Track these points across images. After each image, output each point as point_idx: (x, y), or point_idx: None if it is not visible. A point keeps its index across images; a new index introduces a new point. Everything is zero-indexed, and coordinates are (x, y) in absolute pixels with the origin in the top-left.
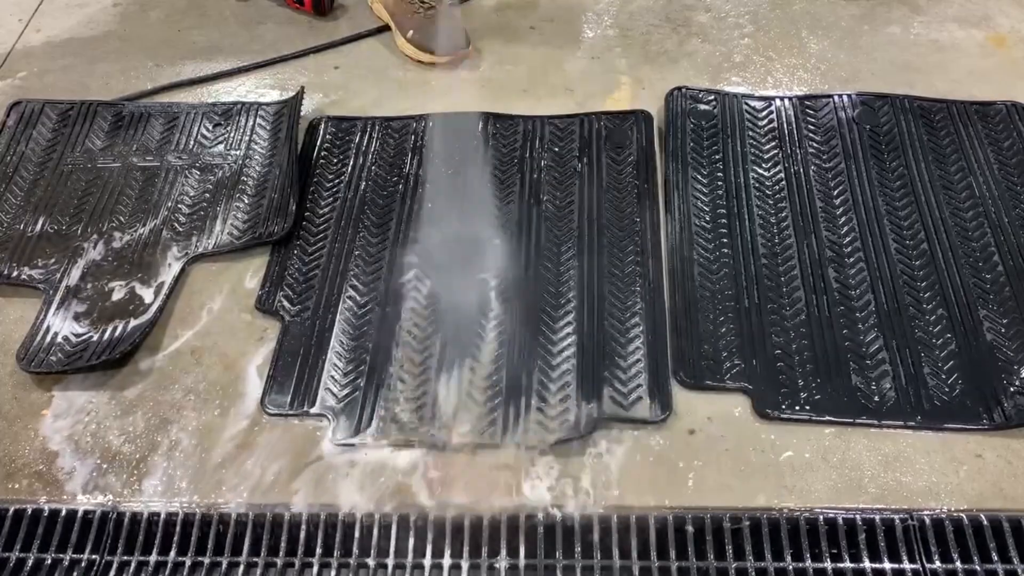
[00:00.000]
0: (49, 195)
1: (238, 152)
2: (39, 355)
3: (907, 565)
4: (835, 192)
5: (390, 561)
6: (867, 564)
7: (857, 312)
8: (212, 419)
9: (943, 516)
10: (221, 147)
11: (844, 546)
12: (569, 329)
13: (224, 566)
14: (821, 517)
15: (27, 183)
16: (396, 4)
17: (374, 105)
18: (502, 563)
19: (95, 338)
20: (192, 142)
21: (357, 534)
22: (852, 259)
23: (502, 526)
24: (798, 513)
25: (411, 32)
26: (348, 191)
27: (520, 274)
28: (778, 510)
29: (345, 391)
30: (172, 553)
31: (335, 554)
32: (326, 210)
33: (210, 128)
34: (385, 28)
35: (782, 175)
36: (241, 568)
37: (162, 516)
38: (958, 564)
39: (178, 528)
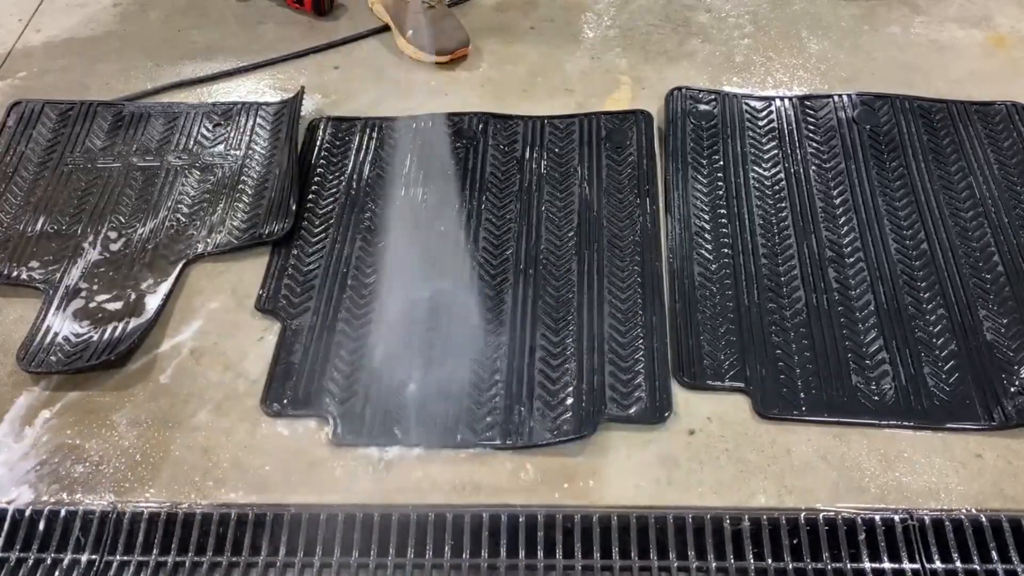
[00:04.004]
0: (49, 195)
1: (238, 152)
2: (39, 355)
3: (907, 565)
4: (835, 192)
5: (390, 560)
6: (867, 564)
7: (857, 312)
8: (212, 419)
9: (943, 516)
10: (221, 147)
11: (844, 546)
12: (570, 329)
13: (224, 566)
14: (821, 517)
15: (27, 183)
16: (396, 3)
17: (374, 105)
18: (502, 563)
19: (95, 338)
20: (192, 142)
21: (357, 533)
22: (852, 259)
23: (502, 526)
24: (798, 513)
25: (410, 32)
26: (348, 191)
27: (520, 275)
28: (778, 510)
29: (345, 391)
30: (172, 553)
31: (336, 553)
32: (326, 210)
33: (210, 128)
34: (385, 28)
35: (782, 175)
36: (241, 568)
37: (162, 516)
38: (958, 564)
39: (178, 528)
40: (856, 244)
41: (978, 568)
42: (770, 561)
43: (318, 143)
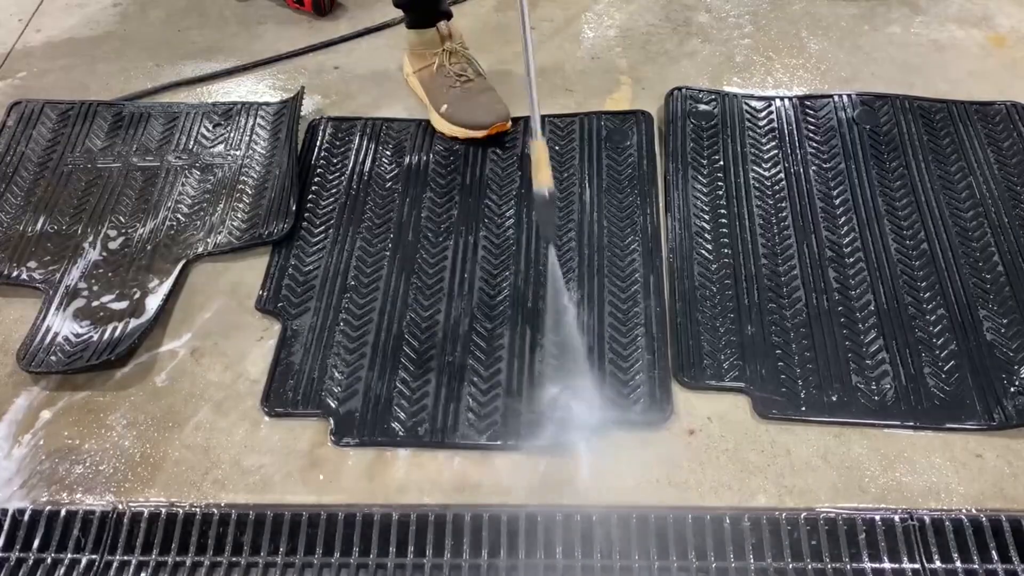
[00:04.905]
0: (49, 195)
1: (238, 152)
2: (39, 355)
3: (907, 565)
4: (835, 192)
5: (390, 561)
6: (867, 564)
7: (857, 312)
8: (212, 419)
9: (943, 516)
10: (221, 147)
11: (844, 546)
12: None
13: (224, 566)
14: (821, 517)
15: (27, 183)
16: (431, 79)
17: (374, 105)
18: (502, 563)
19: (95, 338)
20: (192, 142)
21: (357, 533)
22: (852, 259)
23: (502, 525)
24: (798, 513)
25: (444, 107)
26: (348, 191)
27: (521, 275)
28: (778, 510)
29: (346, 392)
30: (172, 553)
31: (335, 554)
32: (326, 210)
33: (210, 128)
34: (384, 27)
35: (782, 175)
36: (241, 568)
37: (162, 516)
38: (958, 564)
39: (178, 528)
40: (856, 244)
41: (978, 568)
42: (770, 561)
43: (318, 143)
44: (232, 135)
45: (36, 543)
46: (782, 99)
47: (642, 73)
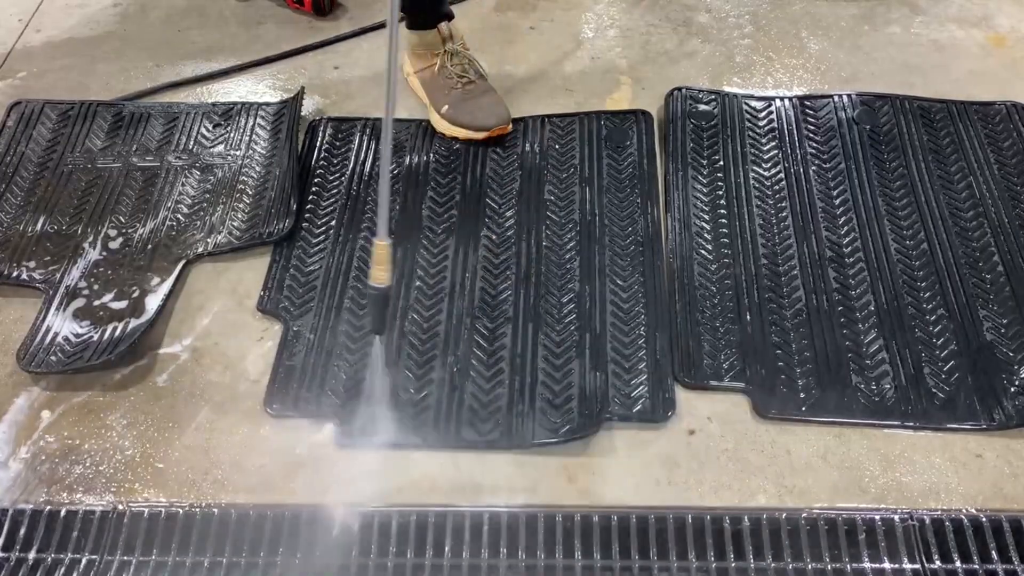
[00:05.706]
0: (49, 195)
1: (238, 152)
2: (39, 355)
3: (907, 565)
4: (835, 192)
5: (390, 561)
6: (867, 564)
7: (857, 312)
8: (212, 420)
9: (943, 516)
10: (221, 147)
11: (844, 546)
12: (571, 329)
13: (224, 566)
14: (821, 517)
15: (27, 183)
16: (432, 79)
17: (374, 106)
18: (502, 563)
19: (95, 338)
20: (192, 142)
21: (357, 534)
22: (852, 259)
23: (502, 526)
24: (798, 513)
25: (445, 107)
26: (348, 192)
27: (522, 275)
28: (778, 510)
29: (347, 392)
30: (172, 553)
31: (335, 553)
32: (327, 211)
33: (210, 128)
34: (384, 27)
35: (782, 175)
36: (241, 568)
37: (162, 516)
38: (958, 564)
39: (178, 528)
40: (856, 244)
41: (978, 568)
42: (770, 561)
43: (318, 143)
44: (232, 135)
45: (36, 543)
46: (782, 99)
47: (642, 73)
